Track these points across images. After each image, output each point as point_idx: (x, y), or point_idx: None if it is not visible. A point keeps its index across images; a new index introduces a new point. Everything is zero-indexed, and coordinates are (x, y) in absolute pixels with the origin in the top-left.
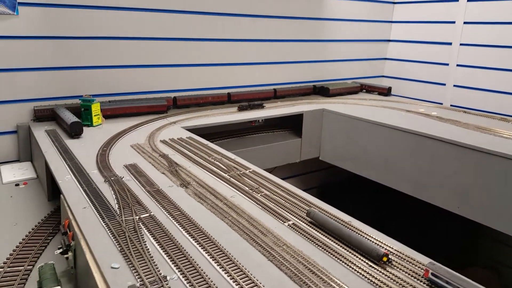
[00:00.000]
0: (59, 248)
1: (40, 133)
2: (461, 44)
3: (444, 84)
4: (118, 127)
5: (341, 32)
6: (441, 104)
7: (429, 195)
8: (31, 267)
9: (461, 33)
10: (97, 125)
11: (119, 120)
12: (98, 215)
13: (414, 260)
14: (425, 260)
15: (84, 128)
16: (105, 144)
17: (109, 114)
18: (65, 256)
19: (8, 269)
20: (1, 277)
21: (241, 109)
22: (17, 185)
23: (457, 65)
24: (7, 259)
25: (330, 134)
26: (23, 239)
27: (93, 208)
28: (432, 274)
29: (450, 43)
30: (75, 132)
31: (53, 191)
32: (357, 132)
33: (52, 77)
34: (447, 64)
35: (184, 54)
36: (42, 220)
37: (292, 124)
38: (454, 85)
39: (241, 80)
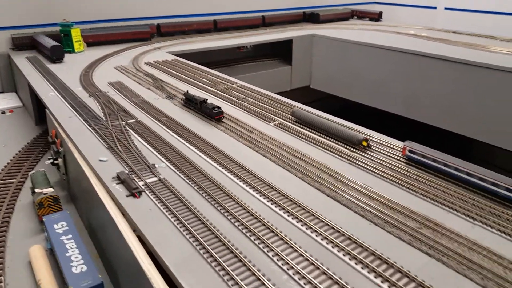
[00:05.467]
0: (49, 159)
1: (21, 60)
2: None
3: (435, 8)
4: (101, 53)
5: None
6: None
7: (420, 114)
8: (24, 179)
9: None
10: (79, 52)
11: (102, 48)
12: (84, 122)
13: (393, 145)
14: (402, 144)
15: (66, 55)
16: (88, 66)
17: (91, 41)
18: (55, 163)
19: (1, 181)
20: None
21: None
22: (3, 113)
23: None
24: (1, 169)
25: (320, 60)
26: (13, 157)
27: (78, 116)
28: (409, 151)
29: None
30: (56, 56)
31: (40, 117)
32: (348, 56)
33: (30, 3)
34: None
35: None
36: (31, 141)
37: (282, 52)
38: (445, 8)
39: (228, 6)
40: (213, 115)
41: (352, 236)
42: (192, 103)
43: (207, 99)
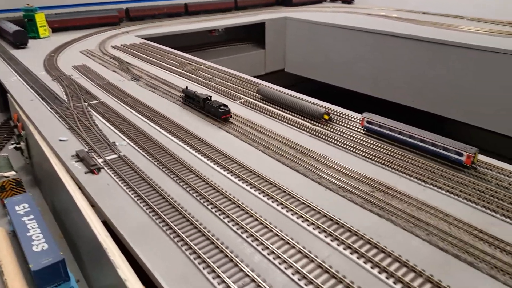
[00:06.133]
0: (12, 144)
1: None
2: None
3: None
4: (68, 38)
5: None
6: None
7: (390, 93)
8: None
9: None
10: (44, 37)
11: (69, 33)
12: (45, 104)
13: (353, 117)
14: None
15: (31, 40)
16: (53, 51)
17: (57, 26)
18: (18, 147)
19: None
20: None
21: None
22: None
23: None
24: None
25: (294, 43)
26: None
27: (40, 99)
28: (367, 121)
29: None
30: (19, 41)
31: (5, 104)
32: (321, 38)
33: None
34: None
35: None
36: None
37: (255, 36)
38: None
39: None
40: (219, 115)
41: (307, 201)
42: (193, 101)
43: (210, 96)
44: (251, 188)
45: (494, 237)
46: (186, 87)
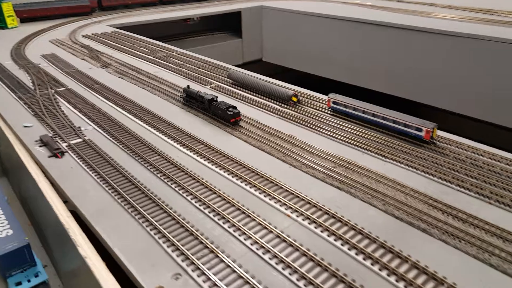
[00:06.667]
0: None
1: None
2: None
3: None
4: (37, 28)
5: None
6: None
7: (363, 80)
8: None
9: None
10: (12, 28)
11: (38, 23)
12: (10, 92)
13: (321, 99)
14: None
15: None
16: (21, 40)
17: (26, 16)
18: None
19: None
20: None
21: None
22: None
23: None
24: None
25: (270, 33)
26: None
27: (5, 87)
28: (333, 102)
29: None
30: None
31: None
32: (296, 27)
33: None
34: None
35: None
36: None
37: (231, 25)
38: None
39: None
40: (228, 118)
41: (270, 177)
42: (195, 101)
43: (216, 97)
44: (216, 167)
45: (448, 205)
46: (188, 86)
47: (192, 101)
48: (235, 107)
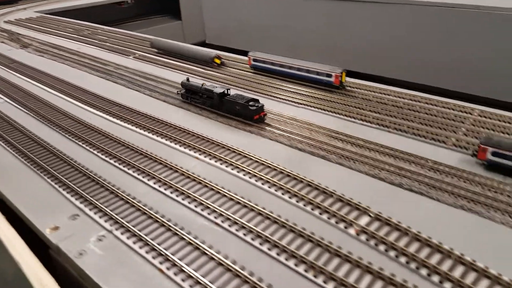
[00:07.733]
0: None
1: None
2: None
3: None
4: None
5: None
6: None
7: (307, 56)
8: None
9: None
10: None
11: None
12: None
13: (243, 60)
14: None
15: None
16: None
17: None
18: None
19: None
20: None
21: None
22: None
23: None
24: None
25: (211, 13)
26: None
27: None
28: (253, 60)
29: None
30: None
31: None
32: (235, 4)
33: None
34: None
35: None
36: None
37: (170, 7)
38: None
39: None
40: (250, 114)
41: (188, 129)
42: (200, 98)
43: (228, 89)
44: (125, 122)
45: (348, 135)
46: (187, 79)
47: (194, 97)
48: (257, 100)
